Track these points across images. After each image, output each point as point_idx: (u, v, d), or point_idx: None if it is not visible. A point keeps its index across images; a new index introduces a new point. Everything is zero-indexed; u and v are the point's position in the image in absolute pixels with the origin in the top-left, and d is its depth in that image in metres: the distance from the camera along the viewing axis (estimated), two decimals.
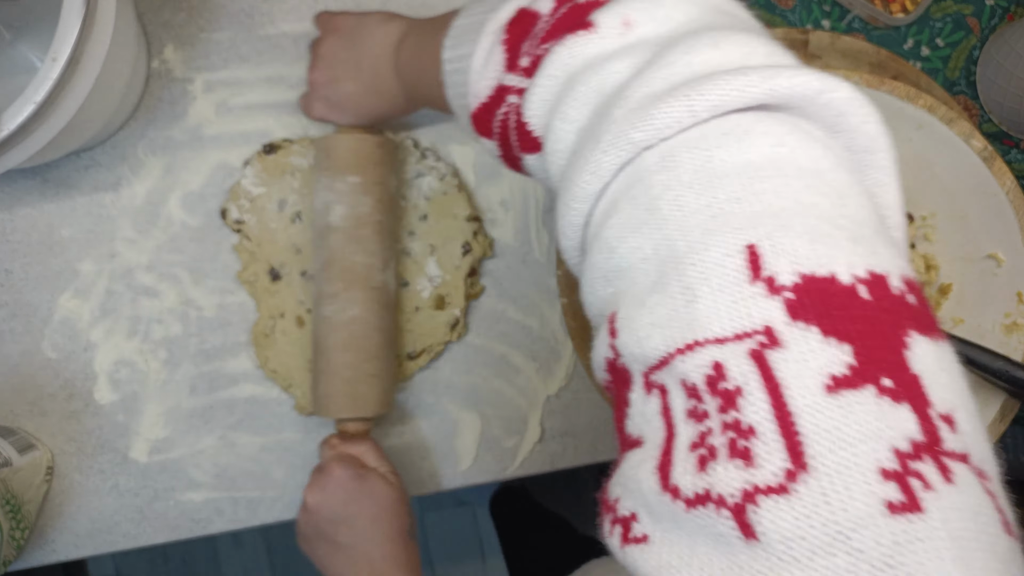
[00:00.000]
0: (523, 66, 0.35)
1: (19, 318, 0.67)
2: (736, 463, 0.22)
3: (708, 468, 0.23)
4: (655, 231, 0.27)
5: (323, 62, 0.60)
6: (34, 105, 0.50)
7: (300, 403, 0.68)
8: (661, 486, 0.24)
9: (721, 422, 0.23)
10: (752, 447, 0.22)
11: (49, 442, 0.68)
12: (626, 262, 0.28)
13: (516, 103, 0.36)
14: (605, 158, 0.29)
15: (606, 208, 0.29)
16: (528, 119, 0.34)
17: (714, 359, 0.24)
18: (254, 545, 1.62)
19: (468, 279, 0.69)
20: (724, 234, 0.25)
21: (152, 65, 0.68)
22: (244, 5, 0.68)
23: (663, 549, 0.23)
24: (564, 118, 0.32)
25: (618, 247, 0.28)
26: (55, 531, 0.68)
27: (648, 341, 0.26)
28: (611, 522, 0.26)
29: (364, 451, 0.62)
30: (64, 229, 0.67)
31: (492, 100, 0.38)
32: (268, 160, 0.67)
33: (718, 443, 0.23)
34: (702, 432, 0.24)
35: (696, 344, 0.24)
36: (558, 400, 0.71)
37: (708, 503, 0.22)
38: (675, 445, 0.24)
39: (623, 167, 0.29)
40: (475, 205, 0.70)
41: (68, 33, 0.50)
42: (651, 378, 0.26)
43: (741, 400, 0.23)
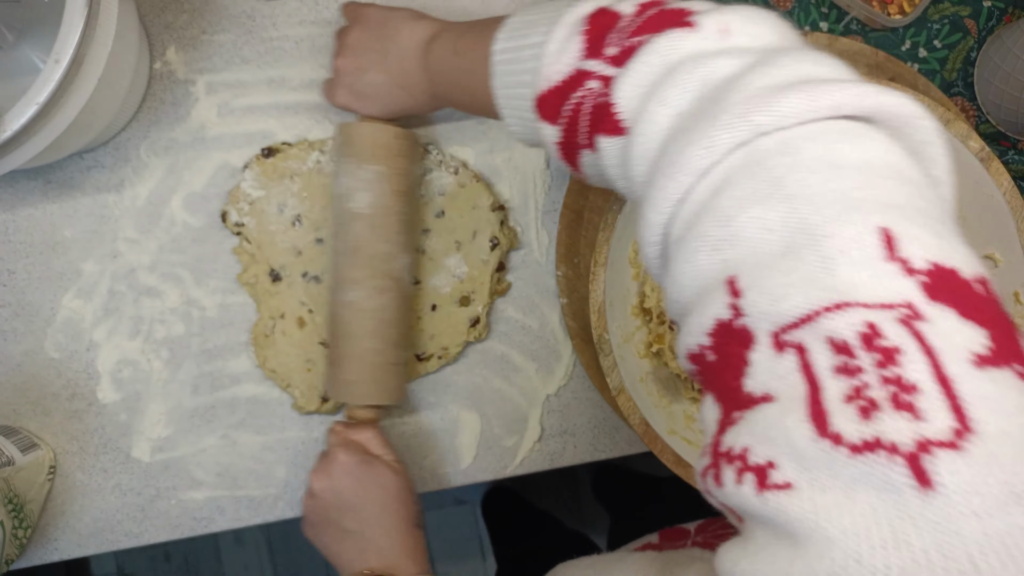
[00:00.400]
0: (609, 55, 0.37)
1: (22, 318, 0.68)
2: (904, 415, 0.23)
3: (874, 417, 0.23)
4: (781, 204, 0.28)
5: (350, 51, 0.61)
6: (37, 106, 0.50)
7: (299, 402, 0.69)
8: (818, 433, 0.24)
9: (880, 376, 0.23)
10: (917, 403, 0.23)
11: (52, 441, 0.68)
12: (746, 232, 0.28)
13: (596, 88, 0.37)
14: (722, 135, 0.30)
15: (716, 183, 0.30)
16: (616, 101, 0.36)
17: (866, 319, 0.25)
18: (256, 544, 1.63)
19: (495, 274, 0.70)
20: (859, 214, 0.27)
21: (154, 67, 0.68)
22: (246, 7, 0.69)
23: (815, 495, 0.23)
24: (663, 102, 0.33)
25: (737, 216, 0.29)
26: (57, 530, 0.68)
27: (787, 300, 0.26)
28: (737, 471, 0.26)
29: (369, 438, 0.63)
30: (67, 230, 0.68)
31: (567, 84, 0.39)
32: (267, 164, 0.68)
33: (879, 396, 0.23)
34: (856, 386, 0.24)
35: (845, 305, 0.25)
36: (558, 399, 0.71)
37: (878, 450, 0.22)
38: (824, 397, 0.24)
39: (737, 147, 0.30)
40: (497, 194, 0.71)
41: (71, 34, 0.50)
42: (784, 337, 0.26)
43: (901, 358, 0.24)
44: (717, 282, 0.29)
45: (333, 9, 0.69)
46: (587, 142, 0.39)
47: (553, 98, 0.40)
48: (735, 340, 0.28)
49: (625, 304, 0.65)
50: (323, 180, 0.68)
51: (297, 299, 0.68)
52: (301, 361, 0.68)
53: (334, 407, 0.69)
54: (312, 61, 0.69)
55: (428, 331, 0.69)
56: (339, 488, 0.59)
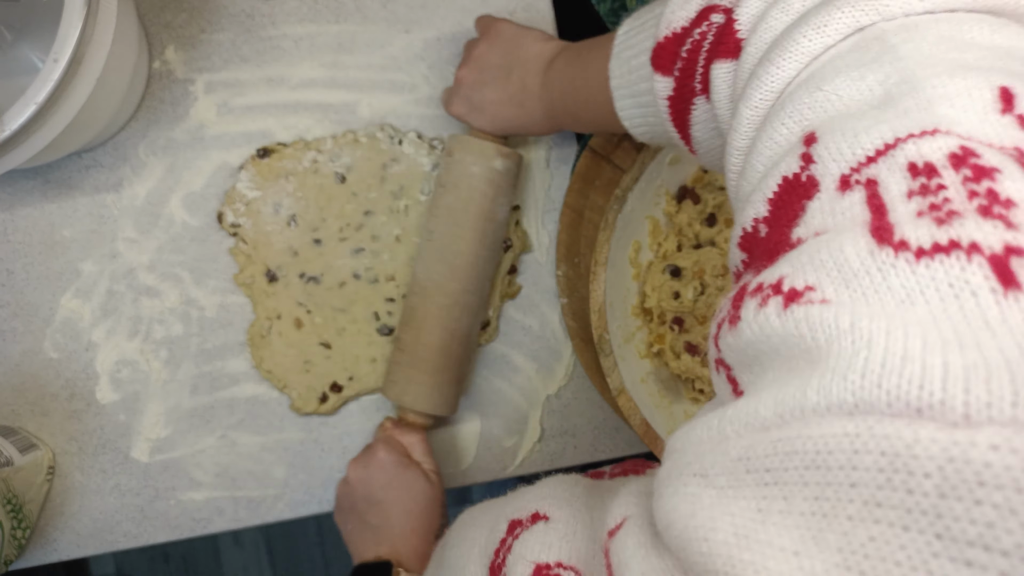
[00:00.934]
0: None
1: (20, 318, 0.68)
2: (993, 223, 0.19)
3: (954, 223, 0.20)
4: (886, 65, 0.25)
5: (474, 63, 0.61)
6: (36, 106, 0.50)
7: (296, 403, 0.68)
8: (878, 243, 0.21)
9: (968, 191, 0.20)
10: (1012, 216, 0.20)
11: (50, 442, 0.68)
12: (839, 92, 0.26)
13: (719, 21, 0.35)
14: (839, 15, 0.27)
15: (821, 64, 0.27)
16: (739, 17, 0.33)
17: (962, 144, 0.22)
18: (255, 544, 1.63)
19: (506, 277, 0.69)
20: (976, 73, 0.24)
21: (153, 66, 0.68)
22: (245, 6, 0.68)
23: (857, 306, 0.20)
24: (786, 8, 0.30)
25: (833, 79, 0.26)
26: (56, 530, 0.68)
27: (870, 132, 0.23)
28: (762, 299, 0.23)
29: (414, 442, 0.63)
30: (65, 229, 0.68)
31: (691, 24, 0.37)
32: (262, 164, 0.68)
33: (963, 207, 0.20)
34: (933, 203, 0.21)
35: (937, 131, 0.22)
36: (558, 400, 0.71)
37: (954, 251, 0.19)
38: (892, 217, 0.21)
39: (855, 32, 0.27)
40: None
41: (70, 34, 0.50)
42: (855, 176, 0.23)
43: (999, 175, 0.20)
44: (795, 141, 0.26)
45: (330, 6, 0.69)
46: (701, 84, 0.37)
47: (672, 45, 0.38)
48: (796, 194, 0.25)
49: (626, 304, 0.65)
50: (318, 180, 0.68)
51: (294, 299, 0.68)
52: (299, 362, 0.68)
53: (332, 407, 0.69)
54: (311, 60, 0.69)
55: None
56: (371, 482, 0.60)
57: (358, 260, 0.68)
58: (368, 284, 0.68)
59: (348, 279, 0.69)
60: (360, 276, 0.68)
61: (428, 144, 0.68)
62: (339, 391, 0.69)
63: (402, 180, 0.69)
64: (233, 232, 0.68)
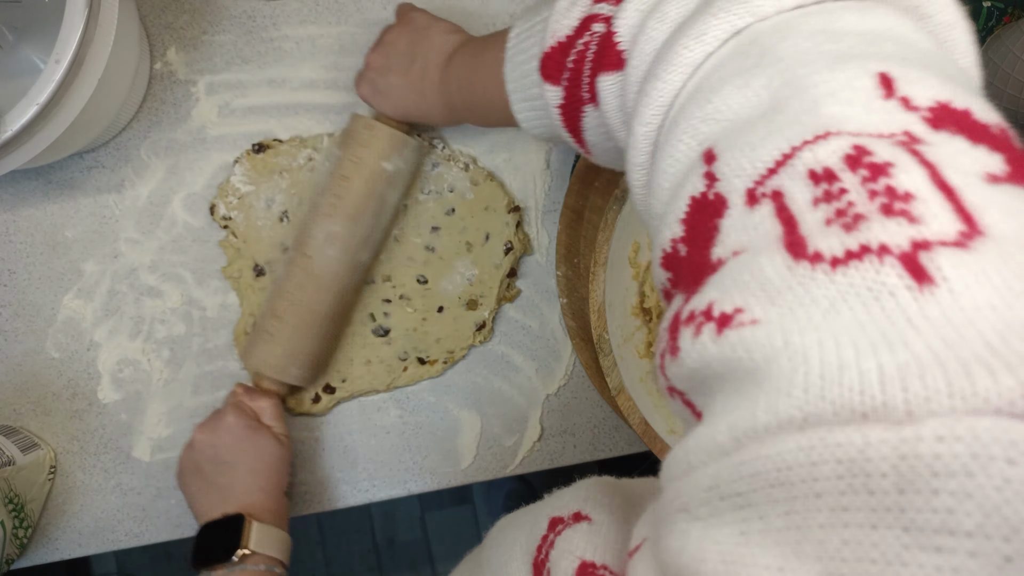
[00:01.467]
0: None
1: (23, 318, 0.68)
2: (897, 220, 0.20)
3: (860, 228, 0.20)
4: (768, 68, 0.26)
5: (383, 48, 0.61)
6: (37, 106, 0.50)
7: (288, 404, 0.69)
8: (793, 258, 0.21)
9: (868, 191, 0.21)
10: (913, 209, 0.20)
11: (52, 441, 0.68)
12: (727, 102, 0.26)
13: (600, 30, 0.36)
14: (716, 22, 0.28)
15: (706, 73, 0.28)
16: (617, 29, 0.34)
17: (854, 143, 0.22)
18: None
19: (505, 280, 0.69)
20: (853, 62, 0.24)
21: (155, 67, 0.68)
22: (246, 8, 0.69)
23: (785, 322, 0.20)
24: (661, 17, 0.31)
25: (720, 89, 0.27)
26: (58, 529, 0.68)
27: (765, 144, 0.24)
28: (696, 328, 0.23)
29: (264, 407, 0.64)
30: (67, 230, 0.68)
31: (574, 33, 0.38)
32: (257, 159, 0.68)
33: (866, 209, 0.21)
34: (839, 208, 0.21)
35: (829, 134, 0.23)
36: (557, 399, 0.71)
37: (866, 256, 0.20)
38: (803, 228, 0.22)
39: (732, 37, 0.28)
40: (512, 194, 0.71)
41: (71, 35, 0.50)
42: (760, 189, 0.23)
43: (893, 169, 0.21)
44: (695, 159, 0.27)
45: (331, 7, 0.69)
46: (589, 94, 0.37)
47: (557, 55, 0.39)
48: (707, 213, 0.25)
49: (625, 304, 0.65)
50: (314, 178, 0.68)
51: None
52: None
53: (325, 408, 0.69)
54: (312, 62, 0.69)
55: (434, 334, 0.69)
56: (218, 445, 0.61)
57: None
58: (364, 285, 0.69)
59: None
60: None
61: (428, 142, 0.69)
62: (332, 392, 0.69)
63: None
64: (224, 225, 0.68)
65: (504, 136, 0.70)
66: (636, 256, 0.65)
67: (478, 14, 0.69)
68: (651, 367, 0.66)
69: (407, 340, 0.69)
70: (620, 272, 0.63)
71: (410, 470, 0.70)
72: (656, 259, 0.28)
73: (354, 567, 1.63)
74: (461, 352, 0.69)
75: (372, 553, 1.64)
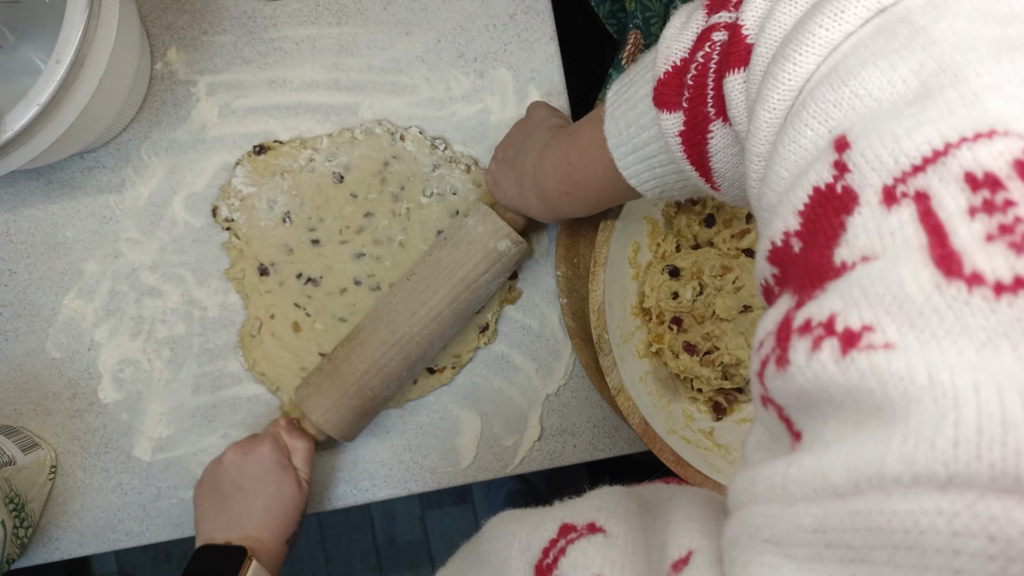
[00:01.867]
0: (734, 2, 0.33)
1: (23, 318, 0.68)
2: None
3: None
4: (919, 51, 0.22)
5: (507, 140, 0.62)
6: (38, 107, 0.50)
7: (286, 407, 0.69)
8: (945, 275, 0.18)
9: None
10: None
11: (53, 441, 0.68)
12: (865, 87, 0.23)
13: (722, 38, 0.33)
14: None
15: (843, 54, 0.25)
16: (744, 22, 0.31)
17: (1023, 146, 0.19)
18: None
19: (507, 282, 0.69)
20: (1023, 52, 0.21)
21: (155, 67, 0.68)
22: (247, 8, 0.69)
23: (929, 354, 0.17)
24: (794, 2, 0.28)
25: (859, 72, 0.24)
26: (59, 529, 0.68)
27: (913, 135, 0.21)
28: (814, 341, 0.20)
29: (299, 448, 0.63)
30: (68, 230, 0.68)
31: (692, 50, 0.35)
32: (258, 161, 0.68)
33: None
34: (1004, 224, 0.18)
35: (995, 133, 0.19)
36: (557, 399, 0.71)
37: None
38: (955, 240, 0.18)
39: (875, 16, 0.25)
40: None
41: (71, 35, 0.50)
42: (900, 188, 0.20)
43: None
44: (824, 145, 0.24)
45: (331, 8, 0.69)
46: (715, 108, 0.34)
47: (673, 79, 0.36)
48: (833, 207, 0.22)
49: (624, 304, 0.65)
50: (315, 179, 0.68)
51: (291, 301, 0.68)
52: (294, 366, 0.68)
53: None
54: (313, 62, 0.69)
55: None
56: (245, 469, 0.60)
57: (359, 266, 0.68)
58: (370, 292, 0.69)
59: (349, 285, 0.69)
60: (361, 283, 0.69)
61: (430, 143, 0.69)
62: None
63: (403, 180, 0.69)
64: (227, 227, 0.68)
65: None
66: (636, 256, 0.65)
67: (478, 14, 0.70)
68: (650, 367, 0.66)
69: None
70: (620, 272, 0.64)
71: (410, 470, 0.70)
72: (763, 252, 0.26)
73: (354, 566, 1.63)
74: (467, 356, 0.69)
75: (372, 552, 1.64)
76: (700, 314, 0.65)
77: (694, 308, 0.65)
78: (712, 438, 0.65)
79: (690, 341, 0.65)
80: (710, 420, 0.66)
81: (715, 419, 0.66)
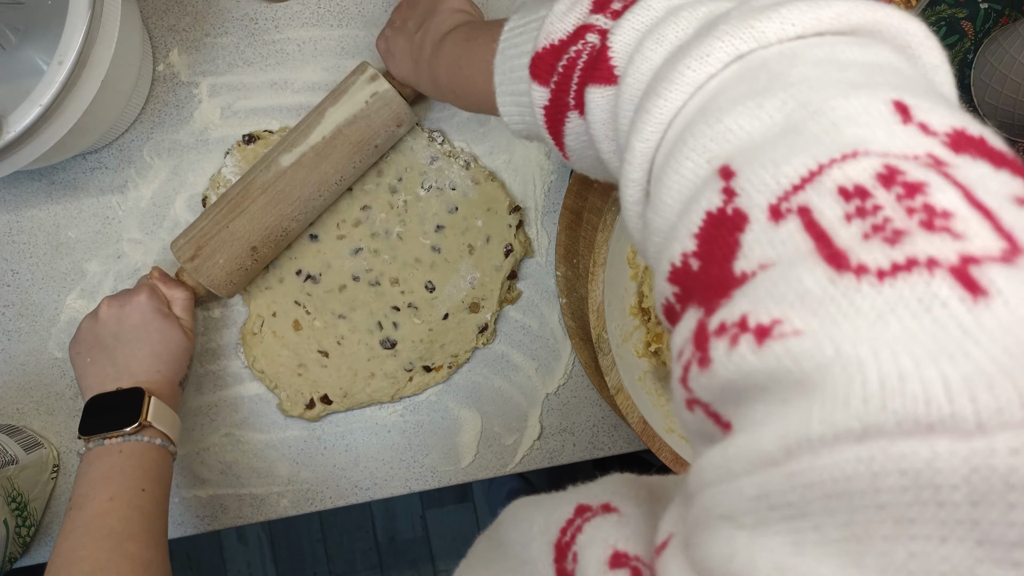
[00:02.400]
0: (614, 8, 0.37)
1: (26, 318, 0.68)
2: (940, 235, 0.20)
3: (904, 242, 0.21)
4: (780, 92, 0.26)
5: (404, 8, 0.62)
6: (40, 108, 0.50)
7: (283, 404, 0.69)
8: (836, 269, 0.21)
9: (906, 207, 0.21)
10: (953, 225, 0.20)
11: (55, 440, 0.69)
12: (739, 121, 0.27)
13: (594, 42, 0.37)
14: (718, 43, 0.29)
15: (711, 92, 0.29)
16: (612, 44, 0.35)
17: (884, 163, 0.23)
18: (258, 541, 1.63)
19: (506, 282, 0.70)
20: (865, 90, 0.25)
21: (157, 69, 0.69)
22: (249, 10, 0.69)
23: (833, 332, 0.20)
24: (659, 39, 0.32)
25: (730, 110, 0.27)
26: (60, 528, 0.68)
27: (790, 161, 0.24)
28: (731, 339, 0.23)
29: (179, 297, 0.64)
30: (71, 230, 0.68)
31: (568, 39, 0.39)
32: (248, 150, 0.68)
33: (905, 225, 0.21)
34: (875, 224, 0.21)
35: (858, 153, 0.23)
36: (557, 398, 0.72)
37: (915, 268, 0.20)
38: (838, 242, 0.22)
39: (735, 60, 0.29)
40: (513, 194, 0.71)
41: (74, 37, 0.50)
42: (784, 205, 0.24)
43: (929, 188, 0.21)
44: (708, 175, 0.27)
45: (333, 10, 0.69)
46: (576, 101, 0.38)
47: (549, 57, 0.39)
48: (725, 228, 0.25)
49: (623, 304, 0.65)
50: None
51: (292, 298, 0.69)
52: (293, 364, 0.69)
53: (317, 415, 0.69)
54: (314, 64, 0.69)
55: (439, 340, 0.69)
56: (124, 320, 0.61)
57: (357, 261, 0.69)
58: (369, 288, 0.69)
59: (348, 282, 0.69)
60: (360, 278, 0.69)
61: (427, 135, 0.69)
62: (328, 403, 0.69)
63: (399, 171, 0.69)
64: None
65: (504, 138, 0.70)
66: (635, 256, 0.66)
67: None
68: (649, 366, 0.67)
69: (413, 351, 0.69)
70: (619, 272, 0.64)
71: (411, 468, 0.71)
72: (662, 273, 0.28)
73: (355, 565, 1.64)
74: (465, 356, 0.70)
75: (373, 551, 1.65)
76: None
77: None
78: None
79: None
80: None
81: None
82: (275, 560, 1.63)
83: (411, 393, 0.70)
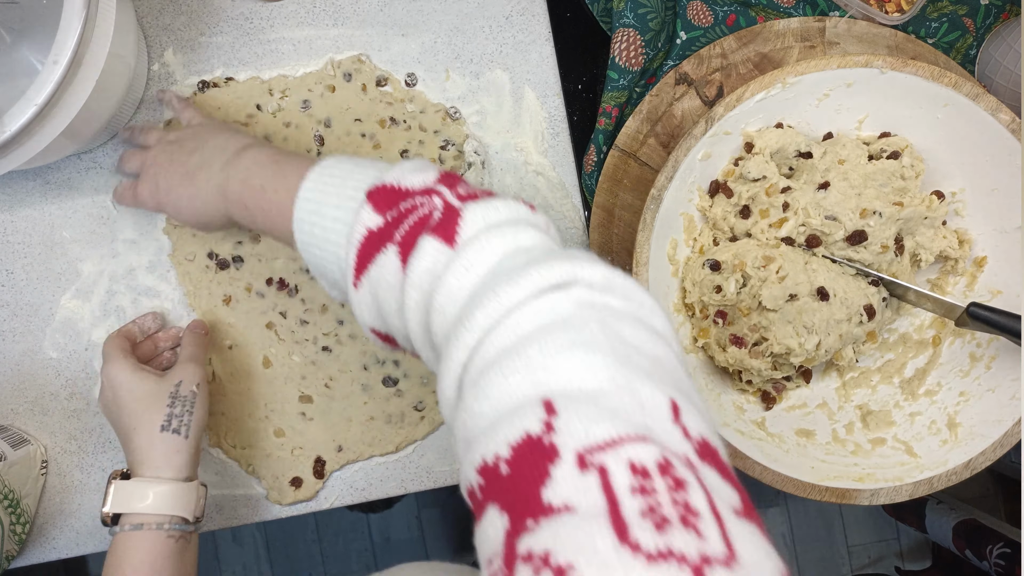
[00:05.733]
0: (459, 193, 0.43)
1: (20, 318, 0.68)
2: (690, 533, 0.26)
3: (667, 531, 0.26)
4: (606, 357, 0.33)
5: (165, 146, 0.59)
6: (35, 107, 0.50)
7: (272, 497, 0.68)
8: (619, 540, 0.26)
9: (672, 499, 0.27)
10: (699, 526, 0.27)
11: (50, 440, 0.68)
12: (565, 367, 0.33)
13: (440, 205, 0.42)
14: (479, 314, 0.36)
15: (549, 319, 0.35)
16: (465, 216, 0.41)
17: (663, 454, 0.29)
18: (253, 542, 1.63)
19: None
20: (652, 382, 0.33)
21: (152, 68, 0.68)
22: (244, 9, 0.69)
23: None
24: (502, 238, 0.39)
25: (556, 355, 0.33)
26: (56, 529, 0.68)
27: (599, 423, 0.30)
28: (535, 569, 0.27)
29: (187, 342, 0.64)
30: (65, 230, 0.68)
31: (416, 191, 0.43)
32: (203, 98, 0.66)
33: (670, 515, 0.27)
34: (651, 505, 0.27)
35: (648, 439, 0.29)
36: None
37: (671, 559, 0.25)
38: (624, 512, 0.27)
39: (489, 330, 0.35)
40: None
41: (69, 36, 0.50)
42: (589, 458, 0.29)
43: (689, 488, 0.28)
44: (532, 400, 0.32)
45: (328, 9, 0.69)
46: (403, 239, 0.41)
47: (392, 195, 0.43)
48: (540, 454, 0.30)
49: (667, 301, 0.65)
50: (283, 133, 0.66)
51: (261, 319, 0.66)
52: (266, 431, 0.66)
53: (312, 492, 0.69)
54: (309, 63, 0.69)
55: None
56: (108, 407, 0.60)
57: None
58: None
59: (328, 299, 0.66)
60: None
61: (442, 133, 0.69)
62: (322, 468, 0.66)
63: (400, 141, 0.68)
64: None
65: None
66: (675, 253, 0.65)
67: (474, 16, 0.70)
68: (698, 361, 0.67)
69: (421, 389, 0.66)
70: (660, 269, 0.64)
71: (407, 469, 0.70)
72: (472, 463, 0.33)
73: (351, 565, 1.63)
74: None
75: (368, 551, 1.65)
76: (746, 306, 0.64)
77: (739, 300, 0.64)
78: (765, 428, 0.65)
79: (737, 334, 0.65)
80: (761, 410, 0.67)
81: (765, 409, 0.67)
82: (270, 561, 1.63)
83: (424, 435, 0.68)
